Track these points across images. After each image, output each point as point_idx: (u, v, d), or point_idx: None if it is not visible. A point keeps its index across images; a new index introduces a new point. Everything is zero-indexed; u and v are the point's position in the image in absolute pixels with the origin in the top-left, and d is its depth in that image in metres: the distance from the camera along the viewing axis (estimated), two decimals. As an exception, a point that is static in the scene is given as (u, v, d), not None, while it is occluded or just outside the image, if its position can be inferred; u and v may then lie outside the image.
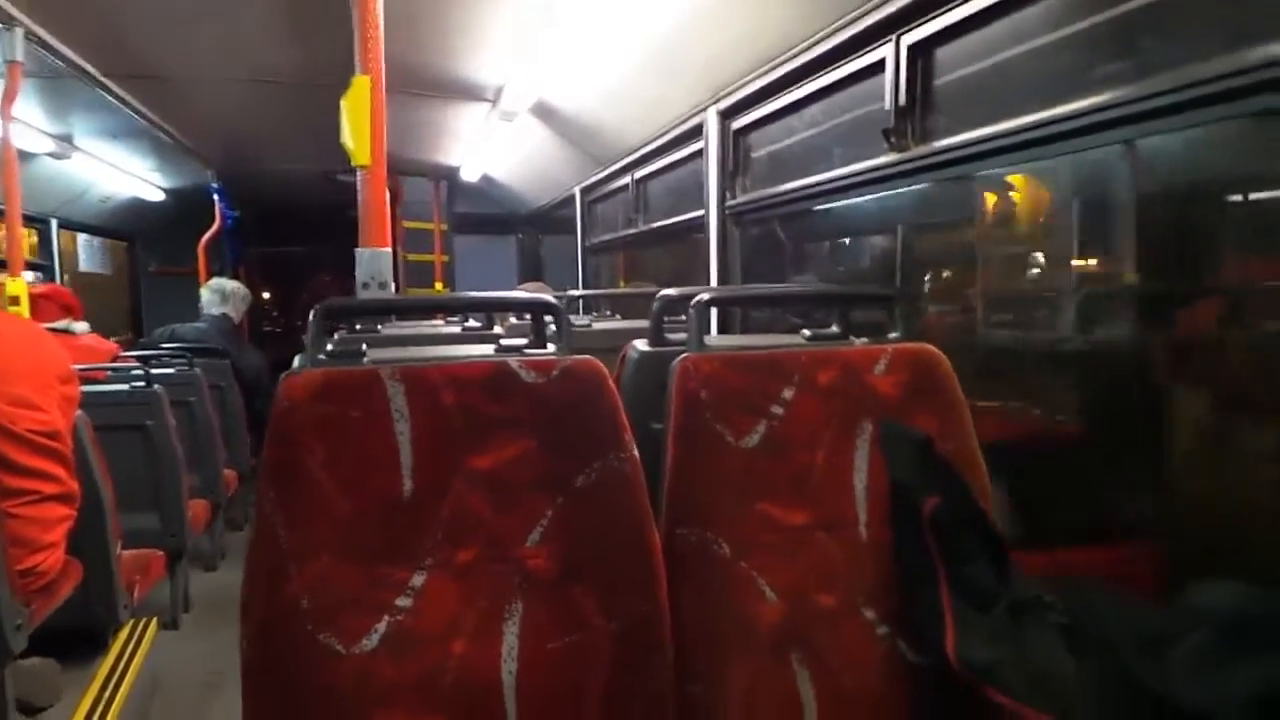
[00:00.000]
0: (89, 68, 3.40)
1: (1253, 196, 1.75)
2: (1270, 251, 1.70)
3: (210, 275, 5.82)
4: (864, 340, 1.55)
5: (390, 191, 2.98)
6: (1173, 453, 1.78)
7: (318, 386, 1.18)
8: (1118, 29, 1.57)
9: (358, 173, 1.79)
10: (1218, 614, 1.09)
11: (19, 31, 2.79)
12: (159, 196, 6.43)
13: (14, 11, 2.71)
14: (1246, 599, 1.10)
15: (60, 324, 3.57)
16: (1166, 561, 1.74)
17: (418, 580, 1.20)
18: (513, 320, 2.63)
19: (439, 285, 6.49)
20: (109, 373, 3.39)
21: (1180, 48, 1.42)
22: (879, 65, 2.03)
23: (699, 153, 3.06)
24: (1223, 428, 1.71)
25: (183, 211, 6.62)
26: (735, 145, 2.83)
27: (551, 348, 1.40)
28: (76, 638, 2.66)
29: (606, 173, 4.30)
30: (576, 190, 4.90)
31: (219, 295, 4.95)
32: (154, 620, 3.19)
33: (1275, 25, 1.22)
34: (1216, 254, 1.82)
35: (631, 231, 4.13)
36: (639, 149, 3.70)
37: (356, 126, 1.69)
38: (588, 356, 1.32)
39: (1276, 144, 1.54)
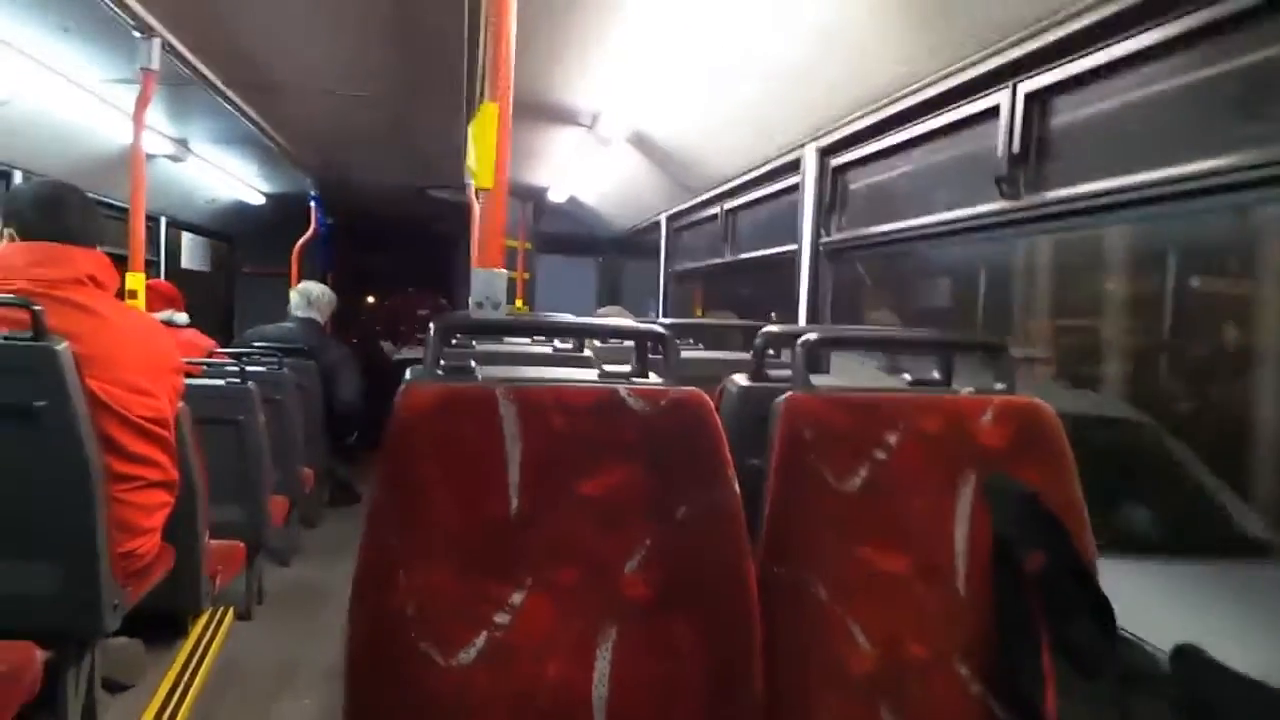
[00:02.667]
0: (213, 76, 3.57)
1: None
2: None
3: (302, 279, 6.01)
4: (969, 390, 1.53)
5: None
6: None
7: (437, 401, 1.22)
8: (1247, 88, 1.54)
9: (476, 194, 1.83)
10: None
11: (156, 41, 2.94)
12: (259, 200, 6.68)
13: (153, 22, 2.86)
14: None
15: (163, 315, 3.74)
16: None
17: (517, 598, 1.22)
18: (598, 344, 2.65)
19: (520, 303, 6.59)
20: (205, 368, 3.52)
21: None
22: (992, 111, 2.01)
23: (793, 187, 3.06)
24: None
25: (280, 216, 6.86)
26: (834, 182, 2.82)
27: (653, 376, 1.41)
28: (160, 621, 2.75)
29: (695, 202, 4.33)
30: (663, 217, 4.94)
31: (305, 299, 5.08)
32: (231, 610, 3.28)
33: None
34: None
35: (718, 261, 4.14)
36: (731, 180, 3.71)
37: (482, 151, 1.74)
38: (694, 389, 1.33)
39: None
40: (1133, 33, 1.63)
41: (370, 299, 10.13)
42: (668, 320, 3.76)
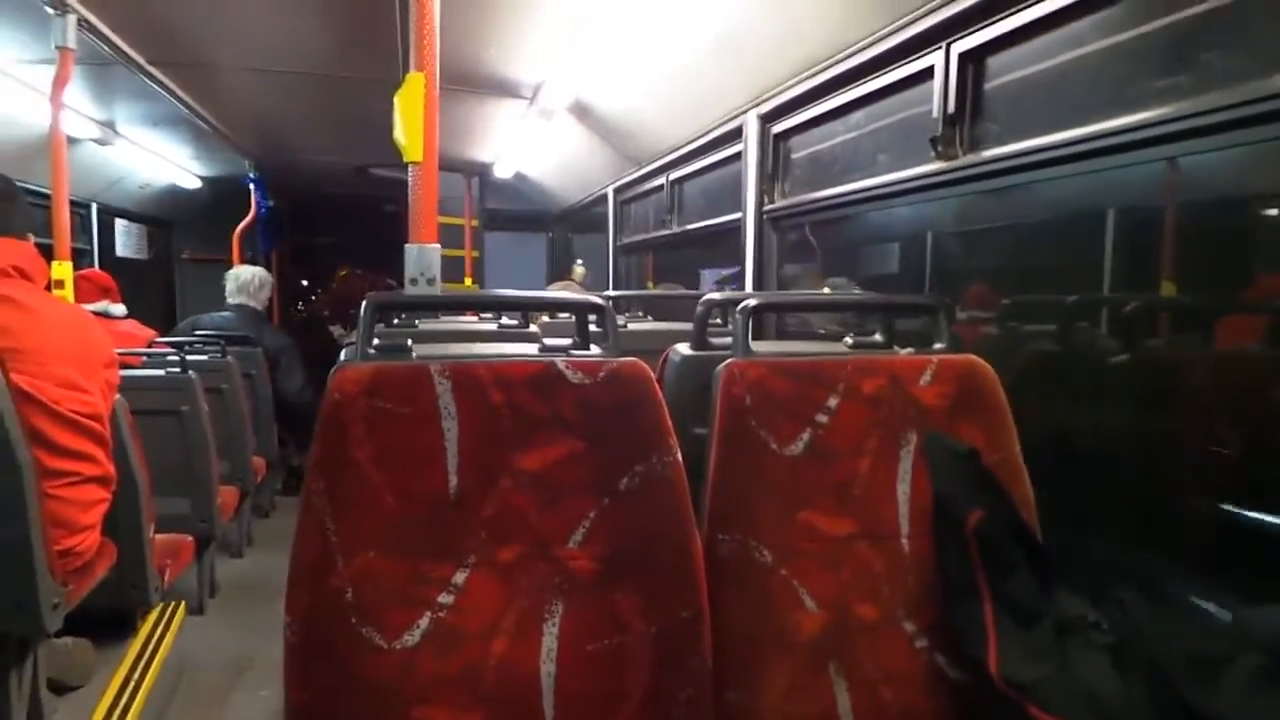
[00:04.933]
0: (136, 55, 3.44)
1: None
2: None
3: (244, 264, 5.87)
4: (909, 350, 1.54)
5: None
6: None
7: (368, 381, 1.19)
8: (1174, 41, 1.55)
9: (409, 169, 1.79)
10: (1269, 638, 1.08)
11: (71, 18, 2.82)
12: (196, 184, 6.50)
13: None
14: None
15: (98, 306, 3.63)
16: None
17: (460, 578, 1.21)
18: (545, 319, 2.63)
19: (469, 280, 6.52)
20: (144, 358, 3.43)
21: (1241, 61, 1.40)
22: (927, 73, 2.01)
23: (737, 156, 3.04)
24: None
25: (219, 200, 6.69)
26: (775, 149, 2.81)
27: (594, 349, 1.40)
28: (107, 619, 2.69)
29: (641, 173, 4.30)
30: (610, 190, 4.90)
31: (236, 284, 4.90)
32: (182, 604, 3.23)
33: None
34: None
35: (665, 233, 4.12)
36: (675, 150, 3.69)
37: (410, 123, 1.69)
38: (634, 359, 1.32)
39: None
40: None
41: (317, 282, 9.94)
42: (614, 293, 3.74)
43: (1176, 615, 1.22)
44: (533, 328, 2.45)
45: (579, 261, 5.62)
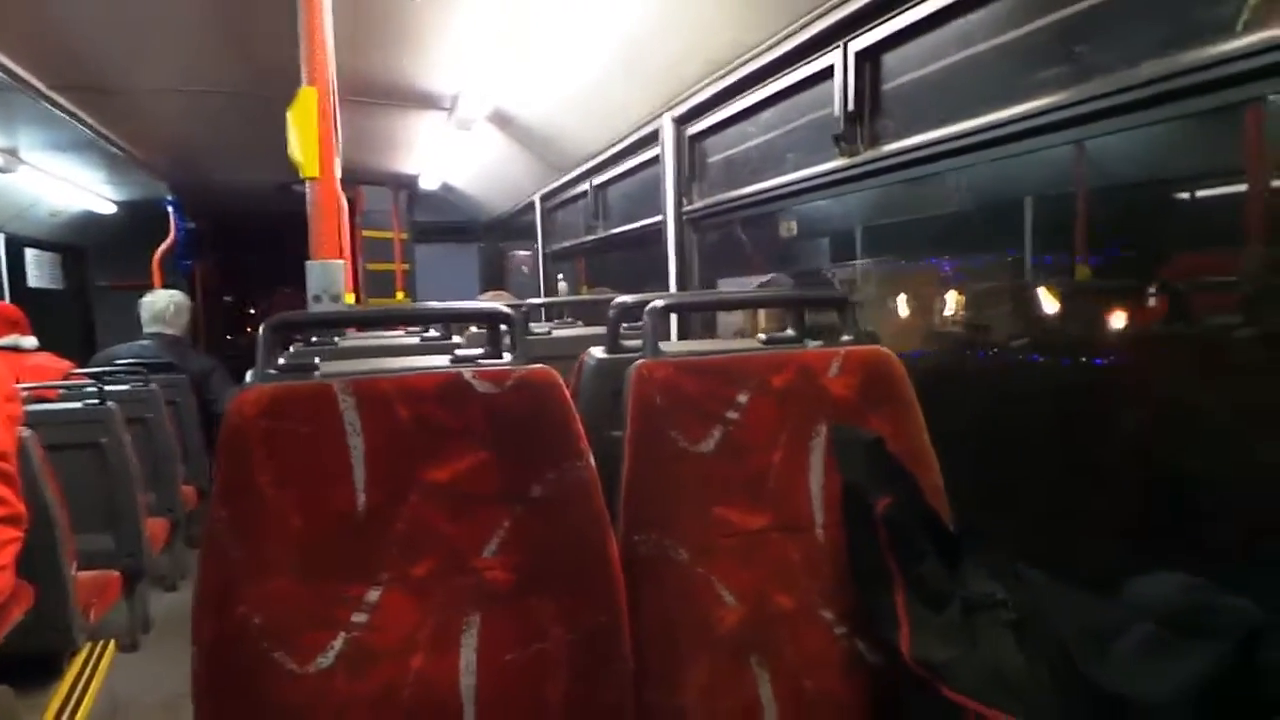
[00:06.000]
0: (35, 81, 3.34)
1: None
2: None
3: (166, 287, 5.70)
4: (818, 343, 1.57)
5: (349, 201, 2.95)
6: None
7: (267, 402, 1.17)
8: (1060, 32, 1.61)
9: (307, 185, 1.77)
10: (1157, 605, 1.12)
11: None
12: (111, 209, 6.32)
13: None
14: (1183, 590, 1.13)
15: (7, 340, 3.50)
16: None
17: (374, 595, 1.19)
18: (473, 330, 2.62)
19: (400, 294, 6.44)
20: (61, 391, 3.32)
21: (1126, 49, 1.46)
22: (828, 71, 2.06)
23: (656, 159, 3.07)
24: None
25: (136, 224, 6.50)
26: (691, 151, 2.84)
27: (508, 357, 1.39)
28: (30, 663, 2.61)
29: (565, 179, 4.30)
30: (536, 198, 4.89)
31: (150, 313, 4.63)
32: (112, 643, 3.13)
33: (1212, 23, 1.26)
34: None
35: (591, 238, 4.13)
36: (597, 156, 3.70)
37: (305, 138, 1.67)
38: (542, 365, 1.32)
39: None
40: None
41: (249, 309, 9.73)
42: (539, 300, 3.73)
43: (1075, 590, 1.25)
44: (458, 339, 2.44)
45: (560, 276, 5.48)
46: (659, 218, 3.02)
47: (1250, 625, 1.03)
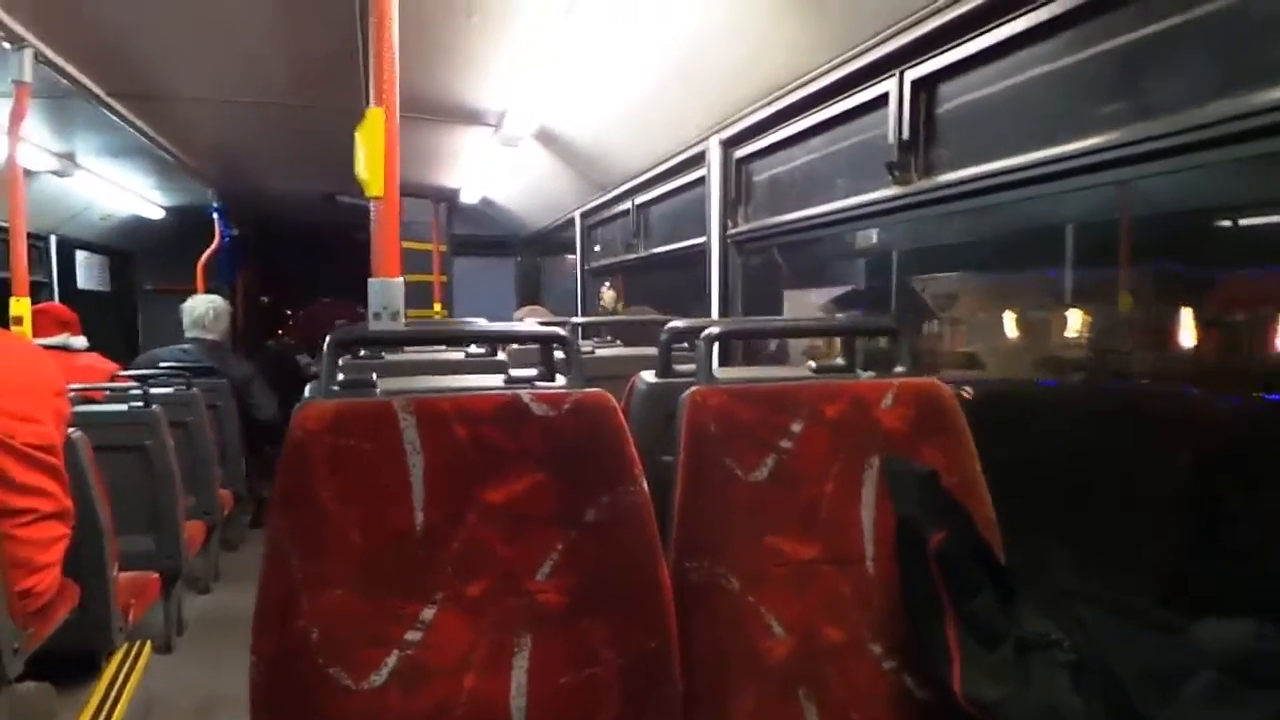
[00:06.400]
0: (94, 87, 3.42)
1: None
2: None
3: (210, 293, 5.80)
4: (870, 374, 1.56)
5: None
6: None
7: (331, 418, 1.19)
8: (1120, 68, 1.60)
9: (371, 203, 1.80)
10: (1224, 651, 1.10)
11: (28, 53, 2.80)
12: (159, 214, 6.44)
13: (23, 32, 2.72)
14: (1252, 636, 1.10)
15: (58, 340, 3.57)
16: None
17: (428, 614, 1.20)
18: (515, 346, 2.64)
19: (437, 306, 6.49)
20: (107, 393, 3.38)
21: (1185, 87, 1.45)
22: (882, 99, 2.06)
23: (701, 180, 3.08)
24: None
25: (182, 229, 6.62)
26: (738, 174, 2.85)
27: (560, 378, 1.40)
28: (70, 661, 2.64)
29: (607, 197, 4.33)
30: (576, 214, 4.92)
31: (190, 318, 4.76)
32: (148, 643, 3.17)
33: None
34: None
35: (631, 257, 4.15)
36: (640, 175, 3.72)
37: (371, 158, 1.70)
38: (598, 390, 1.32)
39: None
40: (1008, 19, 1.68)
41: (286, 311, 9.86)
42: (581, 319, 3.75)
43: (1137, 631, 1.23)
44: (500, 355, 2.46)
45: (607, 284, 5.47)
46: (702, 239, 3.03)
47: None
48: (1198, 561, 1.88)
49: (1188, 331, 2.19)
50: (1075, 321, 2.41)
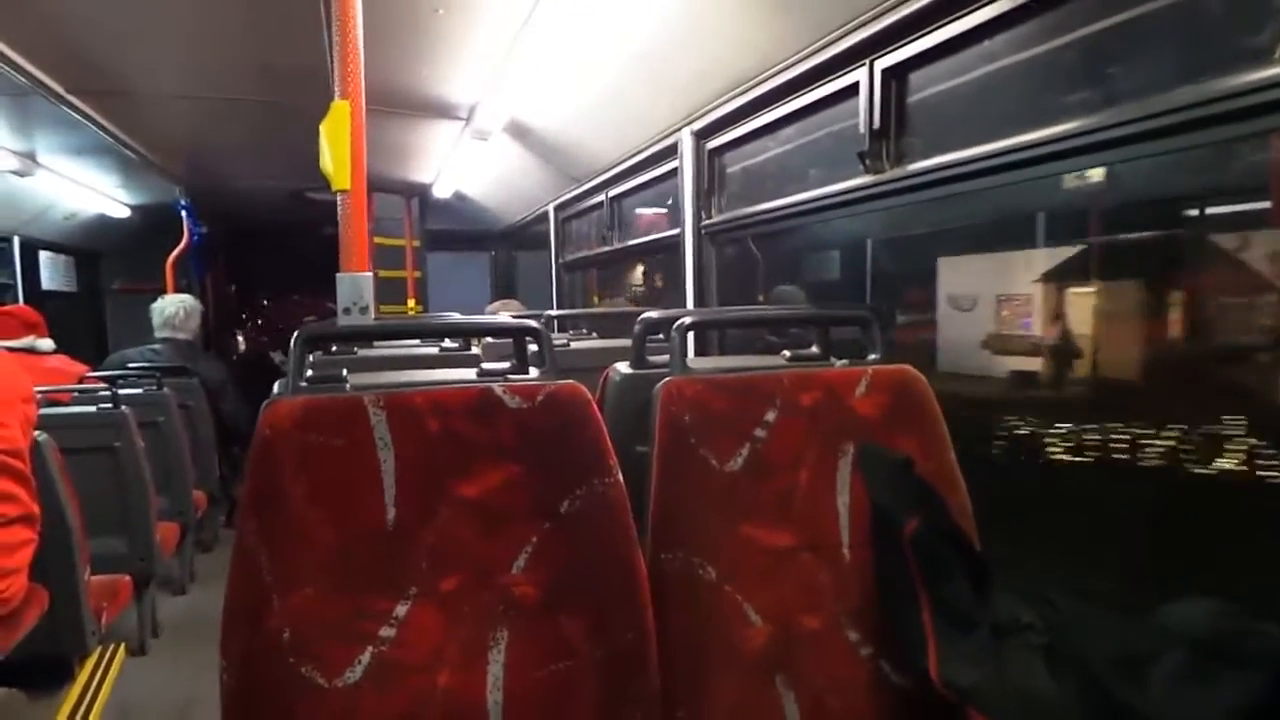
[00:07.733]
0: (54, 84, 3.35)
1: None
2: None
3: (179, 291, 5.71)
4: (844, 361, 1.56)
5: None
6: None
7: (300, 415, 1.17)
8: (1090, 54, 1.61)
9: (338, 197, 1.78)
10: (1191, 632, 1.11)
11: None
12: (125, 213, 6.34)
13: None
14: (1220, 617, 1.12)
15: (23, 342, 3.50)
16: None
17: (401, 610, 1.19)
18: (489, 340, 2.62)
19: (411, 302, 6.44)
20: (75, 394, 3.33)
21: (1156, 73, 1.46)
22: (853, 88, 2.06)
23: (674, 172, 3.07)
24: None
25: (150, 228, 6.52)
26: (710, 165, 2.84)
27: (533, 371, 1.39)
28: (42, 667, 2.60)
29: (581, 190, 4.31)
30: (550, 207, 4.90)
31: (160, 319, 4.73)
32: (122, 647, 3.13)
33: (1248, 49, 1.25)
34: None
35: (606, 249, 4.13)
36: (613, 167, 3.70)
37: (336, 152, 1.68)
38: (571, 381, 1.32)
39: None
40: (977, 7, 1.68)
41: (256, 307, 9.76)
42: (556, 312, 3.73)
43: (1107, 614, 1.25)
44: (475, 349, 2.44)
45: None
46: (676, 231, 3.02)
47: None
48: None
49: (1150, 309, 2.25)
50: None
